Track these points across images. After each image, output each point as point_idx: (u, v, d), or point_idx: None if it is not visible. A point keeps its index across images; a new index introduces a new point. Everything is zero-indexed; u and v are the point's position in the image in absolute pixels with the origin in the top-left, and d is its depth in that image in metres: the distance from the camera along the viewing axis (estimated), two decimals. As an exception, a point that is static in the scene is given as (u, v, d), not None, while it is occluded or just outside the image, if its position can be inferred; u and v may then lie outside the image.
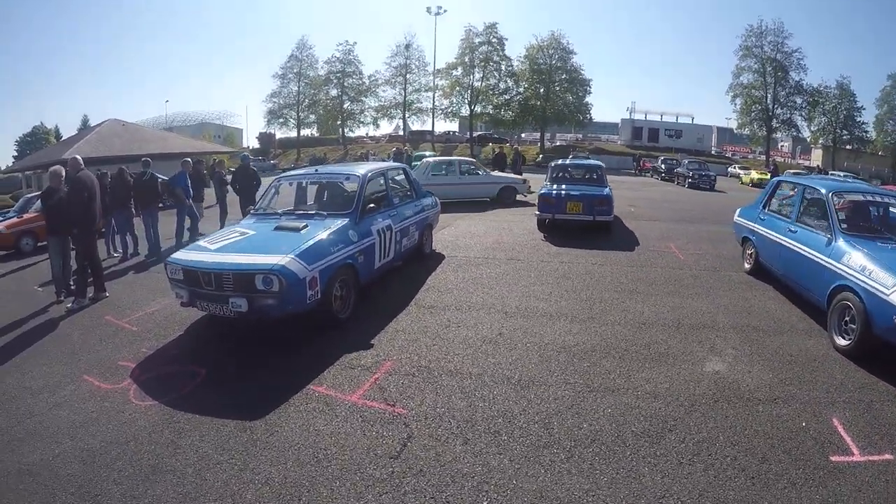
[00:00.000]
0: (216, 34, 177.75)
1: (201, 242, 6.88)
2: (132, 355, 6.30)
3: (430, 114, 62.76)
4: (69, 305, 8.83)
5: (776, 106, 57.69)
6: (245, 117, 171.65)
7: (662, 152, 55.14)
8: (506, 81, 60.57)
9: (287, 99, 64.66)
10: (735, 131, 67.18)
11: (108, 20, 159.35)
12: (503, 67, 60.44)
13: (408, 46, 61.57)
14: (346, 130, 64.82)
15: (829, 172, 38.61)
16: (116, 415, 5.14)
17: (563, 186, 13.43)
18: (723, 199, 26.41)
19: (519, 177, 22.12)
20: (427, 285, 8.78)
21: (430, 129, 64.90)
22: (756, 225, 8.91)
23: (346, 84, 62.92)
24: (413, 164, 31.44)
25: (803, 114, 58.84)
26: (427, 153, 37.57)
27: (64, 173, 9.22)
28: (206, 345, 6.70)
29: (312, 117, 65.18)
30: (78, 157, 9.18)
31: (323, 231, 6.58)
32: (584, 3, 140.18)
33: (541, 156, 52.78)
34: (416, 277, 9.15)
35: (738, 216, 9.95)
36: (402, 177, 10.03)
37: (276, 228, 6.71)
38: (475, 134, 60.93)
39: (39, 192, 20.36)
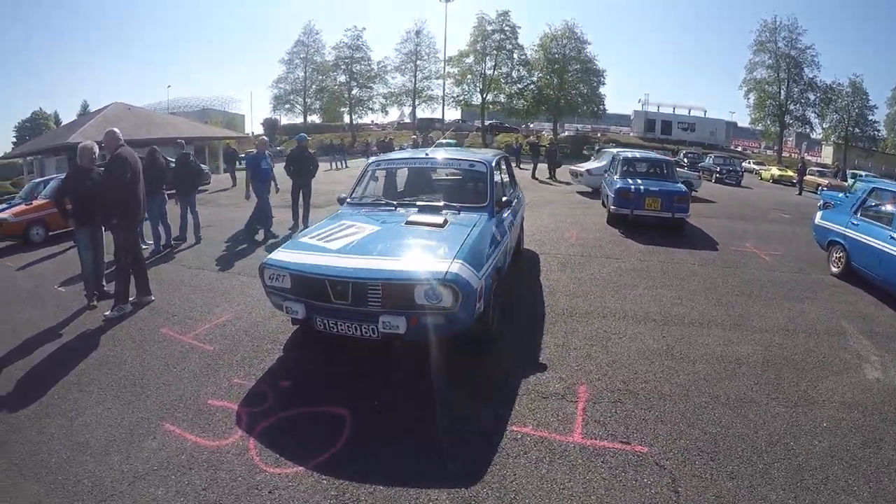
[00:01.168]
0: (218, 19, 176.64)
1: (306, 239, 5.49)
2: (224, 390, 4.93)
3: (440, 101, 61.14)
4: (108, 313, 7.18)
5: (789, 102, 56.07)
6: (249, 103, 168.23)
7: (675, 145, 53.70)
8: (519, 70, 58.76)
9: (293, 84, 62.86)
10: (749, 126, 65.65)
11: (106, 4, 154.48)
12: (516, 56, 58.57)
13: (418, 33, 60.07)
14: (354, 117, 63.22)
15: (860, 173, 36.97)
16: (249, 495, 3.53)
17: (639, 181, 12.75)
18: (756, 196, 25.50)
19: (693, 174, 21.46)
20: (546, 288, 7.87)
21: (437, 116, 63.30)
22: (848, 230, 8.85)
23: (354, 70, 60.97)
24: None
25: (816, 111, 57.30)
26: (453, 142, 36.01)
27: (97, 151, 7.55)
28: (324, 373, 5.26)
29: (319, 103, 63.26)
30: (116, 130, 7.30)
31: (469, 228, 5.41)
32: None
33: (554, 147, 51.25)
34: (525, 278, 8.34)
35: (822, 220, 9.97)
36: (505, 165, 8.61)
37: (409, 223, 5.53)
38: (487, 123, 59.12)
39: (46, 177, 18.83)
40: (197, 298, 7.68)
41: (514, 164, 27.71)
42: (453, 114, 65.26)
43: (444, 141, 34.00)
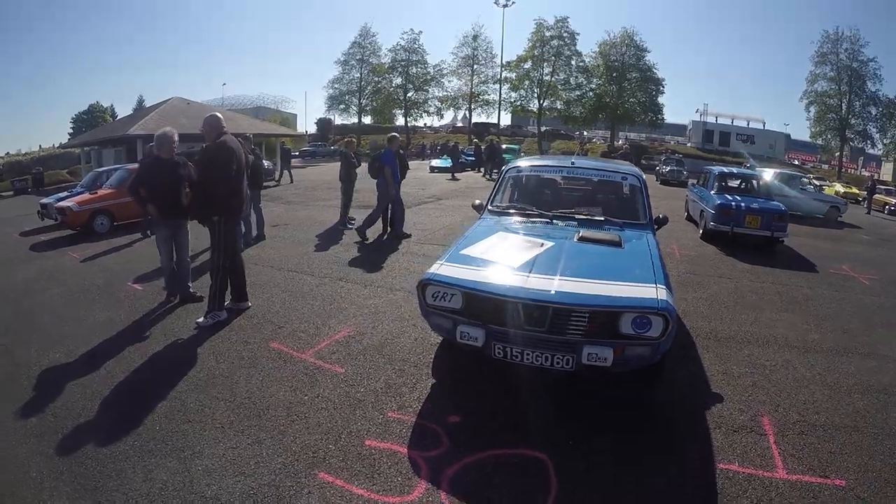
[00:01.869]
0: (275, 19, 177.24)
1: (469, 252, 4.78)
2: (380, 427, 4.06)
3: (497, 106, 59.91)
4: (200, 320, 6.15)
5: (850, 116, 53.23)
6: (304, 103, 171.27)
7: (734, 158, 51.21)
8: (577, 77, 57.29)
9: (349, 85, 62.66)
10: (810, 140, 62.84)
11: (164, 1, 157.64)
12: (574, 63, 57.20)
13: (475, 37, 59.27)
14: (409, 120, 62.77)
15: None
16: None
17: (738, 197, 12.21)
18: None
19: (839, 199, 20.37)
20: (680, 309, 6.68)
21: (492, 121, 61.60)
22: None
23: (410, 73, 60.55)
24: (506, 157, 28.66)
25: (877, 125, 54.14)
26: (516, 147, 34.83)
27: (177, 139, 6.69)
28: (494, 404, 4.39)
29: (373, 105, 62.82)
30: (219, 114, 6.20)
31: (647, 248, 5.02)
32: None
33: (614, 155, 49.97)
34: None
35: None
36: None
37: (583, 240, 4.97)
38: (542, 129, 58.58)
39: (110, 167, 18.09)
40: (300, 307, 6.73)
41: None
42: (507, 119, 64.46)
43: (506, 146, 32.84)
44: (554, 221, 5.59)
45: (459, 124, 63.41)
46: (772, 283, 8.72)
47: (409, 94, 60.61)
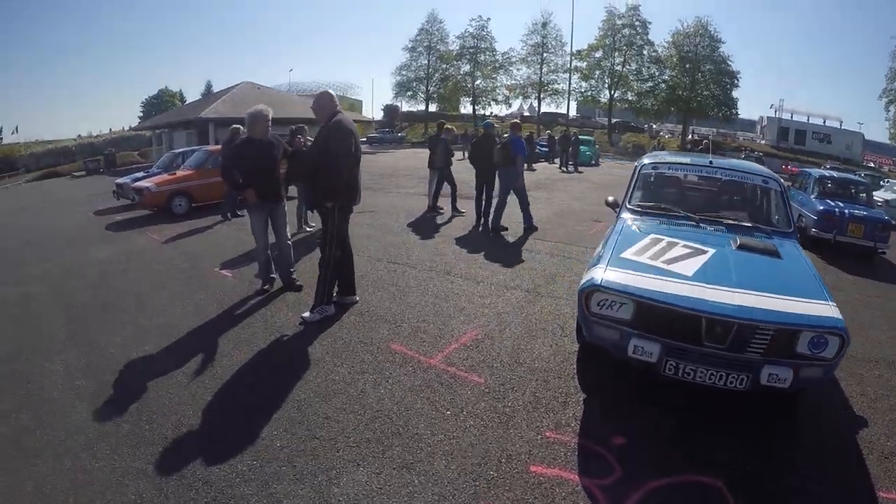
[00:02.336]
0: (343, 4, 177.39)
1: (633, 257, 4.33)
2: (541, 449, 3.50)
3: (566, 96, 57.95)
4: (306, 315, 5.42)
5: None
6: (371, 89, 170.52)
7: (808, 157, 48.33)
8: (649, 68, 55.01)
9: (416, 72, 62.00)
10: (890, 142, 58.83)
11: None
12: (646, 53, 55.01)
13: (544, 25, 57.25)
14: (476, 108, 61.00)
15: None
16: None
17: (840, 204, 11.13)
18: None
19: None
20: None
21: (560, 111, 59.86)
22: None
23: (479, 60, 59.30)
24: (582, 149, 27.43)
25: None
26: (591, 139, 33.50)
27: (271, 117, 5.97)
28: (653, 421, 3.86)
29: (441, 92, 61.95)
30: (331, 91, 5.47)
31: (802, 259, 4.63)
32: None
33: (689, 148, 48.11)
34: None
35: None
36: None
37: (742, 248, 4.53)
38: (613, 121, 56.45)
39: (187, 148, 17.79)
40: (413, 304, 5.97)
41: None
42: (572, 109, 62.17)
43: (586, 137, 31.56)
44: (701, 225, 5.18)
45: (526, 113, 61.44)
46: (877, 298, 7.70)
47: (478, 82, 59.35)
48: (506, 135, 10.65)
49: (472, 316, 5.60)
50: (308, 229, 9.78)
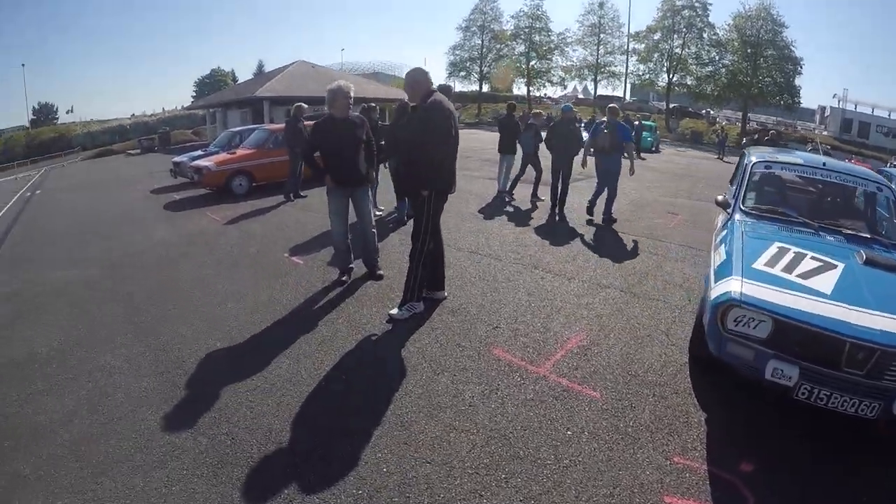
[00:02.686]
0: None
1: (766, 268, 3.93)
2: (670, 475, 3.04)
3: (623, 78, 56.41)
4: (394, 312, 4.84)
5: None
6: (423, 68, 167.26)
7: (872, 151, 45.85)
8: (709, 51, 52.74)
9: (470, 52, 60.56)
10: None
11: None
12: (706, 36, 52.66)
13: (601, 5, 55.44)
14: (531, 89, 59.29)
15: None
16: None
17: None
18: None
19: None
20: None
21: (616, 94, 58.21)
22: None
23: (534, 40, 57.53)
24: (645, 135, 26.26)
25: None
26: (653, 124, 32.27)
27: (353, 94, 5.42)
28: (777, 446, 3.39)
29: (496, 72, 60.48)
30: (424, 68, 4.90)
31: None
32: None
33: (744, 139, 46.08)
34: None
35: None
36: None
37: (870, 263, 4.10)
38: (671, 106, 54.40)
39: (246, 126, 17.50)
40: (506, 301, 5.36)
41: (719, 158, 24.27)
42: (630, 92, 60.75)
43: (648, 123, 30.36)
44: (820, 233, 4.86)
45: (580, 96, 60.38)
46: None
47: (533, 63, 57.73)
48: (585, 120, 10.00)
49: (572, 318, 5.02)
50: (378, 213, 9.16)
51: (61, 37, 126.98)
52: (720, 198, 5.50)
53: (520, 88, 60.49)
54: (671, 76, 52.43)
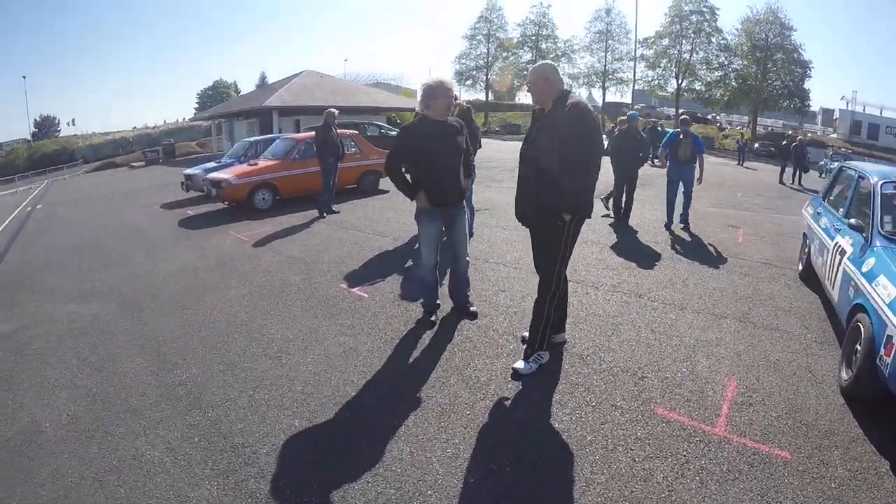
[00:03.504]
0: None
1: None
2: None
3: (630, 85, 55.47)
4: (520, 366, 3.73)
5: None
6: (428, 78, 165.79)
7: (882, 153, 44.81)
8: (718, 56, 52.06)
9: (476, 60, 59.80)
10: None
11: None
12: (714, 41, 51.95)
13: (608, 11, 54.53)
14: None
15: None
16: None
17: None
18: None
19: None
20: None
21: (624, 101, 57.32)
22: None
23: (541, 48, 56.75)
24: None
25: None
26: (670, 130, 30.89)
27: (454, 94, 4.32)
28: None
29: (496, 77, 59.49)
30: (550, 63, 3.81)
31: None
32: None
33: (757, 144, 45.47)
34: None
35: None
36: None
37: None
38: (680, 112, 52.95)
39: (265, 136, 16.45)
40: (632, 339, 4.37)
41: (739, 164, 23.49)
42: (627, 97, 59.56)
43: (671, 131, 29.26)
44: None
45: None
46: None
47: (539, 72, 57.16)
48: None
49: (713, 358, 4.14)
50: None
51: (63, 49, 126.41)
52: (852, 222, 5.02)
53: (527, 96, 59.24)
54: (680, 82, 51.83)
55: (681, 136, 8.66)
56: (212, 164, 13.66)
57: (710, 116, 56.74)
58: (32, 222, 13.44)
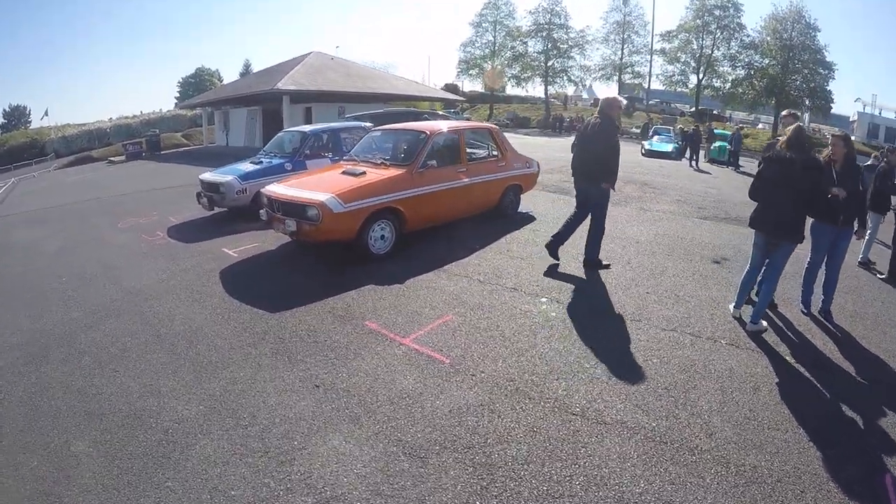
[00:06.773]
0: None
1: None
2: None
3: (647, 78, 53.04)
4: None
5: None
6: (427, 67, 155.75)
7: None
8: (740, 53, 50.22)
9: (482, 49, 57.85)
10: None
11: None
12: (738, 37, 50.11)
13: (626, 1, 51.83)
14: (549, 89, 55.93)
15: None
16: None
17: None
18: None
19: None
20: None
21: (638, 97, 54.82)
22: None
23: (554, 37, 53.52)
24: (720, 145, 23.36)
25: None
26: (727, 132, 27.94)
27: None
28: None
29: (514, 72, 56.22)
30: None
31: None
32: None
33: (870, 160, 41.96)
34: None
35: None
36: None
37: None
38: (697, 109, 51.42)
39: (322, 126, 11.93)
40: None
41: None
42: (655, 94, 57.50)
43: (721, 131, 26.02)
44: None
45: (584, 96, 58.17)
46: None
47: (551, 62, 53.91)
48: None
49: None
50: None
51: (33, 37, 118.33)
52: None
53: (536, 88, 57.42)
54: (701, 78, 50.46)
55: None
56: (250, 167, 9.16)
57: (728, 115, 55.83)
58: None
